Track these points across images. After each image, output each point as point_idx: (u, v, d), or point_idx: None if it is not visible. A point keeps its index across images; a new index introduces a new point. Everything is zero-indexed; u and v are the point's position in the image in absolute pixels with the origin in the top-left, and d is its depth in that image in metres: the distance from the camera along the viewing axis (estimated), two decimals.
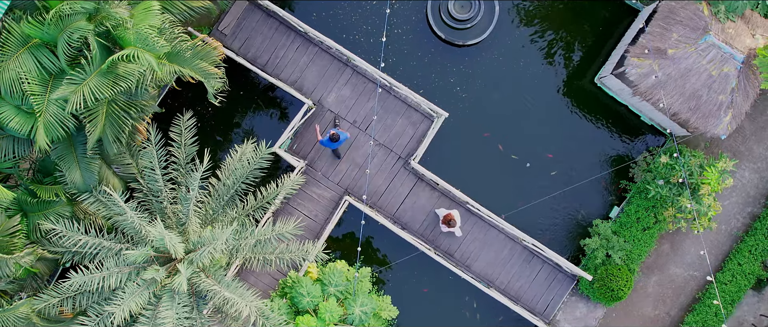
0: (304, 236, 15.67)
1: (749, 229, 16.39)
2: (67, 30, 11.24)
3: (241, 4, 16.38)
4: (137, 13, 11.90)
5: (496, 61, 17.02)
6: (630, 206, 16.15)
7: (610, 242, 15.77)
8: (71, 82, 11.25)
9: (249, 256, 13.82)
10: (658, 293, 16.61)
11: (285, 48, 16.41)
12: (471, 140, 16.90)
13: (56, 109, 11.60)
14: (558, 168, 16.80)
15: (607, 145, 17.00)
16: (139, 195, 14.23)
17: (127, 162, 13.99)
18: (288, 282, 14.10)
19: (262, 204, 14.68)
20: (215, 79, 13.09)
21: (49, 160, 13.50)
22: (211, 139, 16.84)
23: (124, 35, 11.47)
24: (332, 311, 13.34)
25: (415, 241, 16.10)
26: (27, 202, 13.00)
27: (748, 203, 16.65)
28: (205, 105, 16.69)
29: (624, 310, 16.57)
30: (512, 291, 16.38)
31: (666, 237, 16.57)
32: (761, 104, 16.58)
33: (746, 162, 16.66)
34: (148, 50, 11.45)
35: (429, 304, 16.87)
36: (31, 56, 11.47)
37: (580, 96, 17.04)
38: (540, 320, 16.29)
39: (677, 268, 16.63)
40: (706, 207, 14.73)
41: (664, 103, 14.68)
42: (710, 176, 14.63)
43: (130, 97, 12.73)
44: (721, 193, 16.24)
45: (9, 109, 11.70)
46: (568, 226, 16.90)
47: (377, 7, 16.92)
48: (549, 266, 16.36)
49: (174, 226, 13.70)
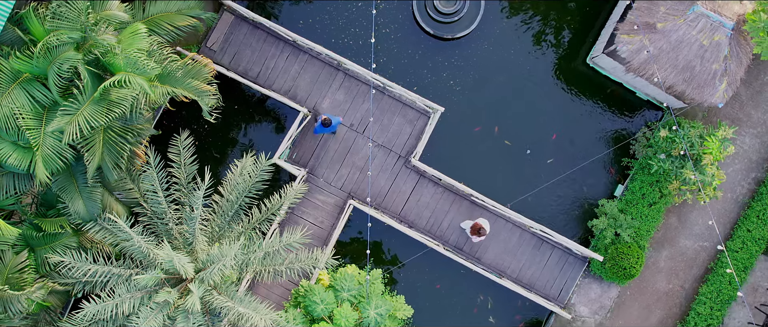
0: (312, 244, 15.65)
1: (755, 195, 16.37)
2: (57, 61, 11.22)
3: (227, 19, 16.36)
4: (124, 37, 11.88)
5: (486, 51, 17.01)
6: (634, 183, 16.13)
7: (617, 221, 15.75)
8: (65, 113, 11.22)
9: (259, 269, 13.79)
10: (670, 267, 16.59)
11: (275, 58, 16.39)
12: (469, 133, 16.89)
13: (53, 141, 11.57)
14: (558, 151, 16.78)
15: (605, 125, 16.98)
16: (144, 219, 14.21)
17: (129, 187, 13.97)
18: (300, 291, 14.07)
19: (267, 216, 14.66)
20: (208, 96, 13.08)
21: (50, 193, 13.48)
22: (210, 156, 16.83)
23: (113, 61, 11.45)
24: (347, 316, 13.31)
25: (423, 238, 16.08)
26: (33, 237, 12.98)
27: (752, 169, 16.63)
28: (201, 123, 16.67)
29: (638, 287, 16.55)
30: (525, 279, 16.37)
31: (673, 210, 16.56)
32: (755, 69, 16.56)
33: (746, 128, 16.64)
34: (139, 74, 11.42)
35: (443, 300, 16.86)
36: (23, 91, 11.45)
37: (574, 78, 17.02)
38: (555, 305, 16.28)
39: (687, 241, 16.61)
40: (710, 176, 14.71)
41: (659, 77, 14.66)
42: (711, 145, 14.61)
43: (125, 123, 12.70)
44: (723, 162, 16.23)
45: (6, 146, 11.67)
46: (574, 208, 16.88)
47: (363, 9, 16.91)
48: (559, 251, 16.35)
49: (182, 247, 13.68)
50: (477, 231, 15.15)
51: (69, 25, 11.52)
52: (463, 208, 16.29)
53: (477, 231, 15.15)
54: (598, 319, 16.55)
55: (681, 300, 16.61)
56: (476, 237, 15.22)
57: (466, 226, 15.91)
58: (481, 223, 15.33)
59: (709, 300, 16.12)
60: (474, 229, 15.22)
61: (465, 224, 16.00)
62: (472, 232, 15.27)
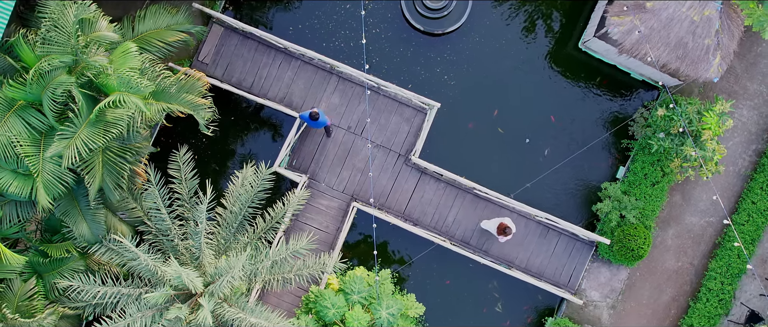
0: (318, 249, 15.64)
1: (757, 166, 16.36)
2: (50, 86, 11.21)
3: (216, 32, 16.35)
4: (116, 57, 11.87)
5: (478, 44, 17.00)
6: (635, 164, 16.12)
7: (621, 203, 15.74)
8: (63, 137, 11.21)
9: (268, 278, 13.78)
10: (678, 245, 16.58)
11: (267, 67, 16.38)
12: (467, 126, 16.87)
13: (53, 166, 11.56)
14: (557, 138, 16.77)
15: (602, 108, 16.97)
16: (149, 237, 14.20)
17: (132, 206, 13.97)
18: (311, 297, 14.06)
19: (272, 225, 14.65)
20: (204, 109, 13.06)
21: (54, 218, 13.47)
22: (210, 169, 16.82)
23: (107, 82, 11.44)
24: (359, 319, 13.29)
25: (429, 235, 16.07)
26: (40, 263, 12.97)
27: (752, 141, 16.62)
28: (198, 137, 16.66)
29: (647, 267, 16.54)
30: (534, 268, 16.36)
31: (676, 188, 16.54)
32: (748, 41, 16.55)
33: (743, 100, 16.63)
34: (133, 93, 11.42)
35: (454, 295, 16.86)
36: (18, 119, 11.43)
37: (567, 64, 17.02)
38: (566, 292, 16.27)
39: (692, 217, 16.60)
40: (710, 152, 14.70)
41: (652, 56, 14.64)
42: (710, 121, 14.60)
43: (123, 142, 12.70)
44: (723, 136, 16.22)
45: (6, 175, 11.67)
46: (577, 194, 16.88)
47: (352, 11, 16.89)
48: (566, 237, 16.33)
49: (189, 262, 13.67)
50: (503, 230, 14.95)
51: (59, 49, 11.51)
52: (466, 202, 16.28)
53: (503, 230, 14.95)
54: (609, 302, 16.54)
55: (691, 277, 16.60)
56: (503, 237, 15.04)
57: (488, 227, 15.78)
58: (506, 222, 15.14)
59: (719, 275, 16.11)
60: (500, 229, 15.03)
61: (486, 225, 15.84)
62: (498, 232, 15.09)
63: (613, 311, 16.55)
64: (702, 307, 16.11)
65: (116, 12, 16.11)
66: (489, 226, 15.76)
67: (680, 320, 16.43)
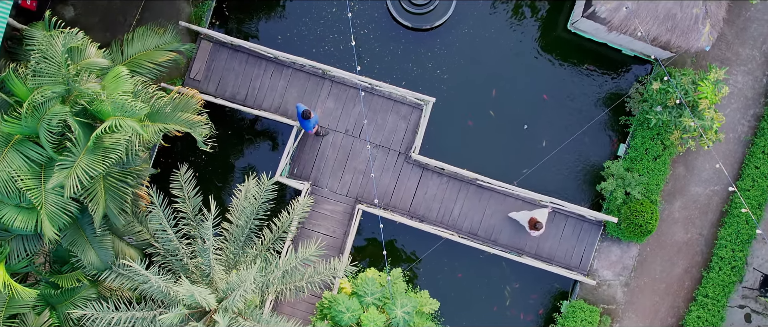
0: (328, 255, 15.62)
1: (757, 131, 16.35)
2: (45, 118, 11.19)
3: (205, 48, 16.33)
4: (108, 83, 11.86)
5: (467, 35, 16.98)
6: (635, 140, 16.11)
7: (625, 180, 15.73)
8: (63, 167, 11.19)
9: (280, 288, 13.78)
10: (686, 217, 16.57)
11: (260, 78, 16.36)
12: (464, 118, 16.86)
13: (55, 197, 11.54)
14: (555, 121, 16.76)
15: (597, 87, 16.96)
16: (158, 258, 14.19)
17: (138, 229, 13.95)
18: (325, 303, 14.06)
19: (279, 235, 14.64)
20: (201, 126, 13.04)
21: (61, 249, 13.45)
22: (212, 185, 16.80)
23: (101, 108, 11.42)
24: (375, 320, 13.29)
25: (436, 230, 16.07)
26: (51, 295, 12.95)
27: (749, 106, 16.61)
28: (197, 154, 16.65)
29: (656, 241, 16.53)
30: (544, 253, 16.35)
31: (678, 160, 16.54)
32: (735, 7, 16.54)
33: (736, 66, 16.62)
34: (128, 116, 11.39)
35: (467, 287, 16.85)
36: (16, 153, 11.41)
37: (558, 47, 17.00)
38: (578, 274, 16.26)
39: (697, 188, 16.59)
40: (709, 121, 14.68)
41: (641, 31, 14.63)
42: (705, 90, 14.59)
43: (123, 167, 12.68)
44: (720, 104, 16.22)
45: (10, 210, 11.65)
46: (580, 175, 16.87)
47: (338, 14, 16.88)
48: (573, 219, 16.32)
49: (200, 280, 13.66)
50: (534, 225, 14.79)
51: (51, 79, 11.48)
52: (470, 193, 16.27)
53: (534, 225, 14.79)
54: (623, 280, 16.53)
55: (702, 247, 16.59)
56: (534, 232, 14.89)
57: (517, 218, 15.63)
58: (537, 216, 14.95)
59: (729, 242, 16.10)
60: (531, 224, 14.90)
61: (516, 216, 15.67)
62: (530, 226, 14.96)
63: (626, 289, 16.55)
64: (715, 276, 16.11)
65: (104, 37, 16.17)
66: (519, 217, 15.61)
67: (695, 291, 16.43)
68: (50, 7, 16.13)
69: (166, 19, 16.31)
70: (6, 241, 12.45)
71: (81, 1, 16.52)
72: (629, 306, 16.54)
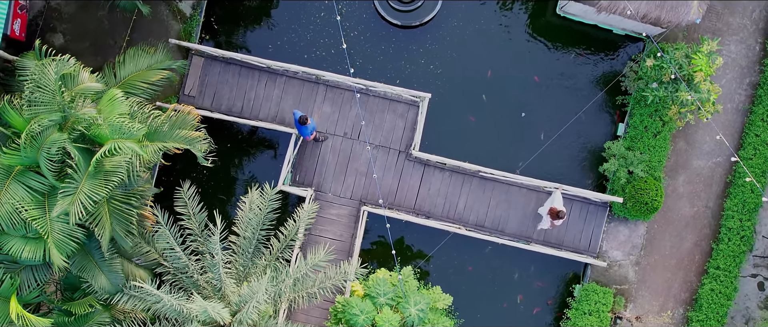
0: (337, 259, 15.59)
1: (755, 99, 16.34)
2: (44, 147, 11.17)
3: (197, 63, 16.32)
4: (103, 106, 11.84)
5: (457, 28, 16.98)
6: (634, 118, 16.11)
7: (627, 159, 15.73)
8: (66, 195, 11.16)
9: (292, 296, 13.76)
10: (690, 191, 16.56)
11: (254, 88, 16.35)
12: (461, 111, 16.86)
13: (61, 225, 11.52)
14: (552, 107, 16.75)
15: (591, 69, 16.96)
16: (169, 277, 14.16)
17: (146, 250, 13.93)
18: (338, 307, 14.03)
19: (287, 243, 14.61)
20: (199, 142, 13.02)
21: (71, 276, 13.43)
22: (216, 199, 16.80)
23: (99, 132, 11.40)
24: (390, 320, 13.26)
25: (442, 225, 16.06)
26: (65, 323, 12.91)
27: (744, 74, 16.61)
28: (199, 170, 16.65)
29: (663, 217, 16.52)
30: (552, 239, 16.34)
31: (678, 135, 16.53)
32: None
33: (728, 36, 16.61)
34: (126, 138, 11.37)
35: (478, 279, 16.85)
36: (18, 184, 11.39)
37: (549, 31, 17.00)
38: (588, 257, 16.25)
39: (699, 161, 16.58)
40: (705, 93, 14.68)
41: (630, 9, 14.63)
42: (699, 62, 14.58)
43: (126, 189, 12.65)
44: (715, 75, 16.21)
45: (17, 242, 11.63)
46: (582, 159, 16.86)
47: (327, 18, 16.87)
48: (578, 203, 16.31)
49: (212, 295, 13.64)
50: (556, 214, 14.75)
51: (46, 108, 11.46)
52: (474, 186, 16.27)
53: (556, 214, 14.75)
54: (633, 259, 16.52)
55: (709, 220, 16.58)
56: (558, 220, 14.83)
57: (542, 213, 15.61)
58: (556, 206, 14.89)
59: (736, 213, 16.09)
60: (552, 214, 14.87)
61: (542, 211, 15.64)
62: (553, 218, 14.91)
63: (638, 267, 16.54)
64: (725, 247, 16.10)
65: (95, 62, 16.16)
66: (543, 212, 15.56)
67: (706, 264, 16.42)
68: (40, 36, 16.13)
69: (156, 38, 16.31)
70: (16, 272, 12.43)
71: (70, 28, 16.51)
72: (642, 284, 16.53)
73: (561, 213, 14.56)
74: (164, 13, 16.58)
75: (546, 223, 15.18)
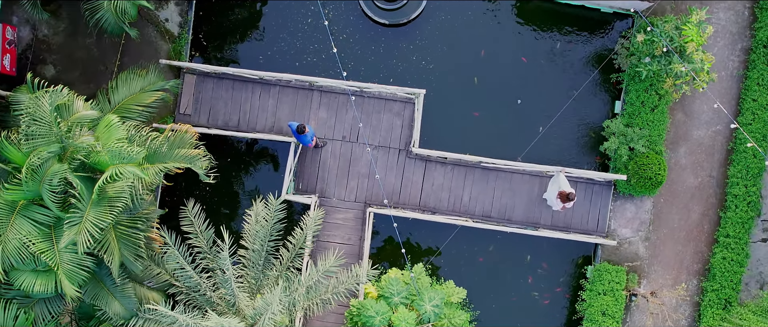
0: (347, 263, 15.56)
1: (748, 64, 16.33)
2: (45, 179, 11.17)
3: (190, 81, 16.31)
4: (101, 133, 11.85)
5: (446, 21, 16.97)
6: (630, 95, 16.11)
7: (627, 136, 15.73)
8: (72, 225, 11.15)
9: (306, 304, 13.76)
10: (693, 161, 16.55)
11: (249, 101, 16.36)
12: (457, 104, 16.85)
13: (70, 255, 11.52)
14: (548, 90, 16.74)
15: (583, 50, 16.95)
16: (182, 296, 14.16)
17: (157, 272, 13.93)
18: (353, 311, 14.03)
19: (296, 252, 14.61)
20: (199, 159, 13.03)
21: (85, 305, 13.43)
22: (221, 215, 16.81)
23: (99, 159, 11.41)
24: (406, 318, 13.27)
25: (449, 219, 16.06)
26: None
27: (736, 40, 16.60)
28: (201, 187, 16.64)
29: (669, 191, 16.52)
30: (560, 223, 16.33)
31: (676, 107, 16.52)
32: None
33: (716, 4, 16.60)
34: (126, 162, 11.38)
35: (490, 270, 16.84)
36: (24, 219, 11.39)
37: (535, 16, 16.98)
38: (597, 237, 16.25)
39: (699, 131, 16.58)
40: (699, 63, 14.67)
41: None
42: (690, 33, 14.57)
43: (131, 213, 12.67)
44: (707, 44, 16.17)
45: (28, 276, 11.62)
46: (581, 140, 16.87)
47: (315, 24, 16.86)
48: (582, 184, 16.31)
49: (227, 310, 13.63)
50: (566, 197, 14.57)
51: (44, 140, 11.47)
52: (477, 177, 16.27)
53: (566, 197, 14.57)
54: (642, 236, 16.52)
55: (714, 189, 16.57)
56: (569, 203, 14.67)
57: (549, 198, 15.54)
58: (564, 189, 14.73)
59: (740, 179, 16.07)
60: (563, 197, 14.74)
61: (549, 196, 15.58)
62: (563, 201, 14.79)
63: (647, 243, 16.53)
64: (733, 214, 16.09)
65: (88, 89, 16.16)
66: (549, 196, 15.51)
67: (715, 233, 16.42)
68: (31, 69, 16.13)
69: (147, 60, 16.30)
70: (29, 306, 12.43)
71: (59, 58, 16.50)
72: (653, 260, 16.53)
73: (571, 195, 14.50)
74: (152, 34, 16.56)
75: (557, 205, 15.10)
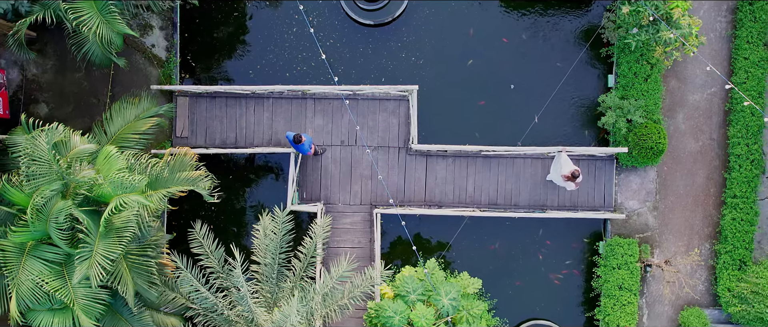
0: (360, 266, 15.61)
1: (736, 23, 16.33)
2: (51, 218, 11.18)
3: (183, 103, 16.31)
4: (101, 165, 11.87)
5: (431, 15, 16.97)
6: (621, 67, 16.11)
7: (623, 109, 15.73)
8: (83, 260, 11.16)
9: (324, 311, 13.77)
10: (692, 126, 16.56)
11: (243, 116, 16.36)
12: (451, 96, 16.85)
13: (84, 290, 11.53)
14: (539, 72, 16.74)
15: (569, 28, 16.94)
16: (200, 318, 14.15)
17: (172, 297, 13.92)
18: (371, 313, 14.04)
19: (308, 261, 14.62)
20: (202, 180, 13.04)
21: None
22: (229, 233, 16.81)
23: (102, 191, 11.42)
24: (424, 315, 13.28)
25: (456, 211, 16.06)
26: None
27: (721, 1, 16.58)
28: (206, 208, 16.64)
29: (671, 158, 16.53)
30: (567, 202, 16.34)
31: (668, 74, 16.53)
32: None
33: None
34: (130, 192, 11.40)
35: (503, 257, 16.84)
36: (34, 259, 11.42)
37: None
38: (605, 212, 16.25)
39: (695, 95, 16.58)
40: (687, 27, 14.66)
41: None
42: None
43: (140, 242, 12.68)
44: (692, 8, 16.21)
45: (44, 315, 11.64)
46: (579, 117, 16.86)
47: (300, 33, 16.85)
48: (584, 161, 16.32)
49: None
50: (572, 176, 14.34)
51: (46, 179, 11.48)
52: (479, 166, 16.28)
53: (572, 176, 14.34)
54: (650, 206, 16.52)
55: (716, 151, 16.58)
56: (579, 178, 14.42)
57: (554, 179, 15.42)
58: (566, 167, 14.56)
59: (741, 138, 16.08)
60: (569, 178, 14.46)
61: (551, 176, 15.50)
62: (570, 179, 14.49)
63: (656, 213, 16.54)
64: (737, 174, 16.09)
65: (83, 123, 16.17)
66: (554, 177, 15.46)
67: (722, 195, 16.42)
68: (24, 110, 16.14)
69: (138, 88, 16.31)
70: None
71: (51, 95, 16.49)
72: (664, 228, 16.54)
73: (575, 172, 14.46)
74: (140, 61, 16.56)
75: (570, 186, 15.00)
